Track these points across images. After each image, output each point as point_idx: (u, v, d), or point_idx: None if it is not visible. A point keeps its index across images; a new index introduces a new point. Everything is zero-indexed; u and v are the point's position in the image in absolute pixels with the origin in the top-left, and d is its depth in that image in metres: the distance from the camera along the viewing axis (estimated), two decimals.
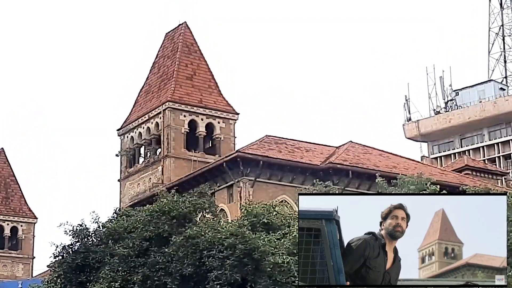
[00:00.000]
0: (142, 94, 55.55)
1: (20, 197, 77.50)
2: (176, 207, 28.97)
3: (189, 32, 55.51)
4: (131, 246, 28.50)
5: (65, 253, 29.60)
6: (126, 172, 53.84)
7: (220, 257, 26.29)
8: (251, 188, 41.38)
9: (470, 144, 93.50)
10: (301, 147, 45.45)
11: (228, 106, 52.91)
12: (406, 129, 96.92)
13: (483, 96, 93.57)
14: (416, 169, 43.49)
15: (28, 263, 75.89)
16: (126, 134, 54.33)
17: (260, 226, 28.88)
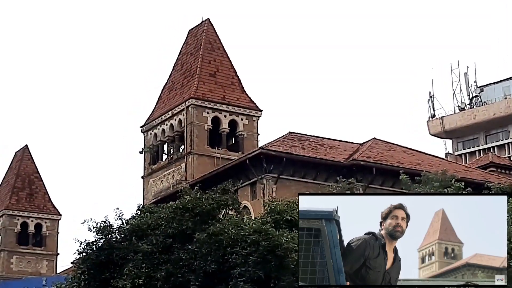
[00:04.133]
0: (165, 91, 55.62)
1: (44, 193, 77.86)
2: (199, 204, 28.94)
3: (212, 29, 55.51)
4: (155, 243, 28.48)
5: (89, 249, 29.59)
6: (149, 169, 53.94)
7: (244, 254, 26.22)
8: (274, 185, 41.28)
9: (495, 140, 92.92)
10: (325, 144, 45.29)
11: (251, 102, 52.86)
12: (430, 125, 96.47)
13: (508, 92, 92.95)
14: (441, 166, 43.21)
15: (52, 260, 76.26)
16: (150, 131, 54.44)
17: (284, 223, 28.79)
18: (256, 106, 52.83)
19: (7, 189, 77.03)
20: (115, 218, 30.15)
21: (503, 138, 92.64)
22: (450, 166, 45.15)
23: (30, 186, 77.27)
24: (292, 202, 30.51)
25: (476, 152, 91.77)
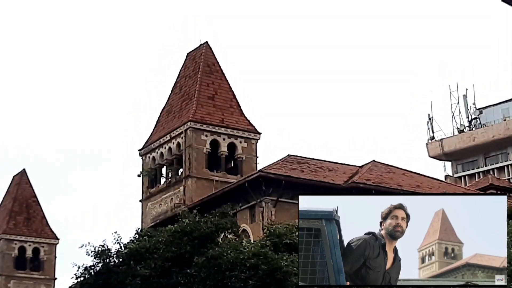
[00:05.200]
0: (164, 114, 55.53)
1: (41, 218, 77.63)
2: (198, 228, 28.78)
3: (210, 52, 55.51)
4: (153, 267, 28.30)
5: (87, 274, 29.44)
6: (147, 192, 53.74)
7: (243, 278, 26.04)
8: (273, 208, 41.10)
9: (494, 163, 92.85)
10: (324, 166, 45.15)
11: (250, 125, 52.76)
12: (429, 148, 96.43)
13: (507, 114, 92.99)
14: (440, 188, 43.08)
15: (50, 284, 75.89)
16: (148, 154, 54.27)
17: (283, 246, 28.61)
18: (255, 129, 52.73)
19: (5, 213, 76.83)
20: (113, 242, 30.03)
21: (503, 160, 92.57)
22: (449, 188, 45.02)
23: (27, 210, 77.05)
24: (291, 225, 30.34)
25: (475, 174, 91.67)
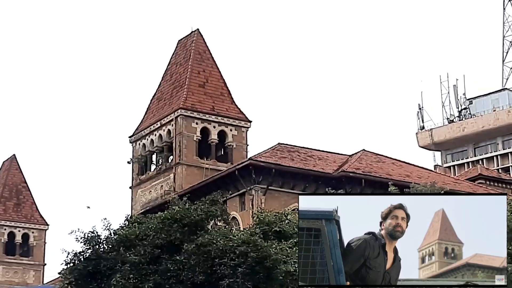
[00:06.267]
0: (155, 101, 55.50)
1: (31, 203, 77.53)
2: (187, 215, 28.83)
3: (201, 40, 55.46)
4: (143, 253, 28.35)
5: (76, 260, 29.46)
6: (137, 179, 53.76)
7: (232, 265, 26.12)
8: (263, 196, 41.21)
9: (483, 153, 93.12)
10: (314, 155, 45.26)
11: (240, 113, 52.78)
12: (419, 137, 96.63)
13: (497, 104, 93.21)
14: (429, 178, 43.23)
15: (39, 270, 75.87)
16: (138, 141, 54.27)
17: (272, 234, 28.71)
18: (245, 117, 52.76)
19: None
20: (103, 229, 30.05)
21: (492, 151, 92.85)
22: (439, 178, 45.16)
23: (17, 196, 76.94)
24: (281, 213, 30.45)
25: (464, 164, 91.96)
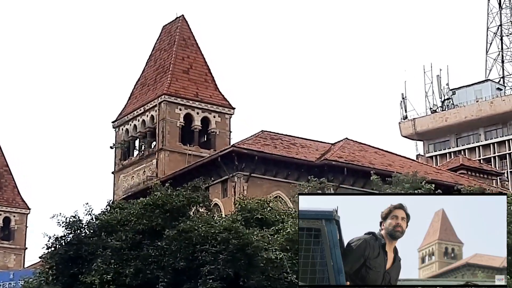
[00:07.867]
0: (138, 87, 55.36)
1: (13, 187, 77.21)
2: (170, 201, 28.81)
3: (186, 26, 55.31)
4: (124, 239, 28.33)
5: (58, 244, 29.38)
6: (120, 164, 53.67)
7: (213, 252, 26.15)
8: (246, 183, 41.25)
9: (466, 143, 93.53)
10: (297, 143, 45.32)
11: (224, 100, 52.74)
12: (402, 127, 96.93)
13: (480, 95, 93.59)
14: (411, 167, 43.39)
15: (20, 254, 75.62)
16: (121, 127, 54.15)
17: (254, 221, 28.76)
18: (229, 103, 52.72)
19: None
20: (85, 213, 29.98)
21: (474, 141, 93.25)
22: (421, 167, 45.34)
23: None
24: (263, 200, 30.50)
25: (447, 154, 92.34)
